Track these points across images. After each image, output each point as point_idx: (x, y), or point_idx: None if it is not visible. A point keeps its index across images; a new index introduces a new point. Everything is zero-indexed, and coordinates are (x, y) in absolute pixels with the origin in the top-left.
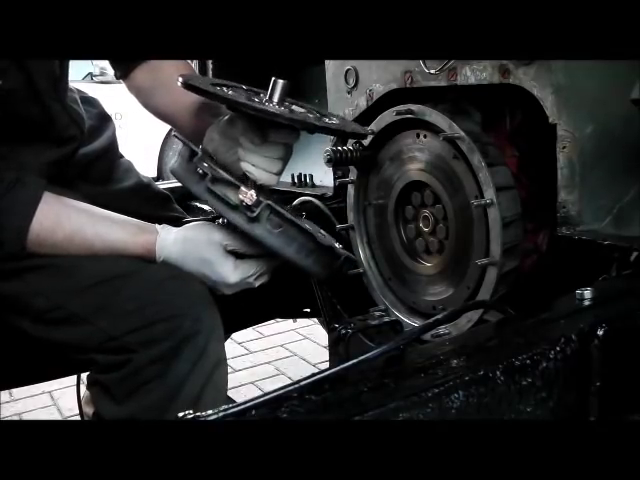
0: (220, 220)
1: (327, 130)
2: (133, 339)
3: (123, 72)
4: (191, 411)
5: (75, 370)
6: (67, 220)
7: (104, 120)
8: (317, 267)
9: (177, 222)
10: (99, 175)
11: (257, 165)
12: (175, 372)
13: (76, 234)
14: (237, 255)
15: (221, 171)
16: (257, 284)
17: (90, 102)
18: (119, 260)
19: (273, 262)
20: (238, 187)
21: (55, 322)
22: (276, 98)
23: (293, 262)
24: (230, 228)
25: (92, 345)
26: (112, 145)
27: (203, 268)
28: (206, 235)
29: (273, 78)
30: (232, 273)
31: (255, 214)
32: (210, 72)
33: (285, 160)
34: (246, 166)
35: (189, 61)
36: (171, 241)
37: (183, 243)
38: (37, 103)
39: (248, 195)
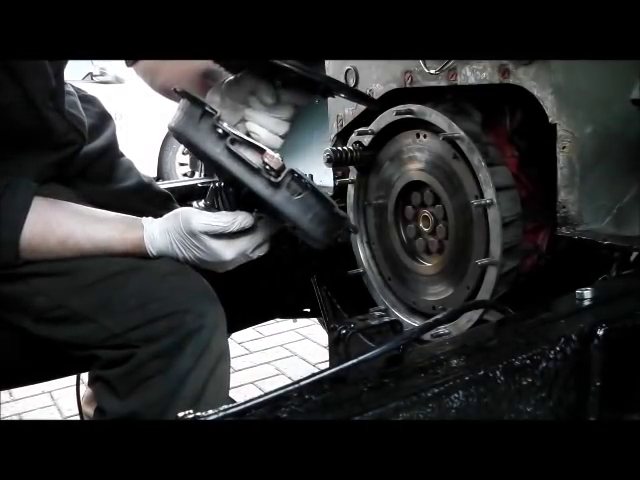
0: (198, 203)
1: (349, 91)
2: (136, 336)
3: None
4: (191, 411)
5: (75, 370)
6: (57, 226)
7: (104, 119)
8: (324, 237)
9: None
10: (99, 174)
11: (264, 126)
12: (178, 367)
13: (68, 239)
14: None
15: (242, 134)
16: (255, 256)
17: (90, 101)
18: (119, 257)
19: (268, 232)
20: (262, 150)
21: (57, 321)
22: None
23: (303, 230)
24: (210, 210)
25: (95, 342)
26: (112, 144)
27: (196, 253)
28: (184, 225)
29: None
30: (226, 250)
31: (280, 179)
32: None
33: (292, 122)
34: (252, 126)
35: None
36: (158, 233)
37: (168, 234)
38: (34, 115)
39: (275, 159)
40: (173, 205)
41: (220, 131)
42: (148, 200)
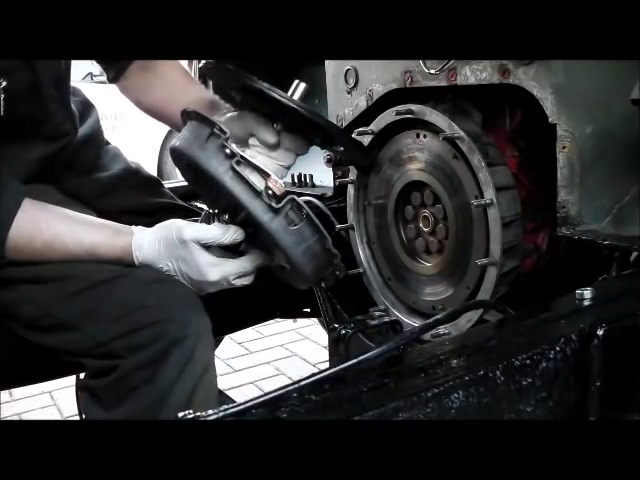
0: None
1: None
2: (120, 345)
3: (116, 74)
4: (191, 411)
5: (74, 370)
6: (45, 227)
7: (87, 107)
8: (312, 273)
9: (168, 209)
10: (85, 163)
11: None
12: (163, 377)
13: (54, 240)
14: (217, 252)
15: (248, 157)
16: (238, 284)
17: (72, 92)
18: (105, 265)
19: (255, 263)
20: (267, 175)
21: (45, 329)
22: (297, 97)
23: (292, 262)
24: (203, 222)
25: (82, 351)
26: (96, 131)
27: (182, 266)
28: (176, 234)
29: (296, 80)
30: (211, 269)
31: (280, 205)
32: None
33: (289, 169)
34: (251, 159)
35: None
36: (147, 242)
37: (158, 244)
38: (37, 102)
39: (278, 185)
40: (162, 190)
41: (227, 151)
42: (136, 186)
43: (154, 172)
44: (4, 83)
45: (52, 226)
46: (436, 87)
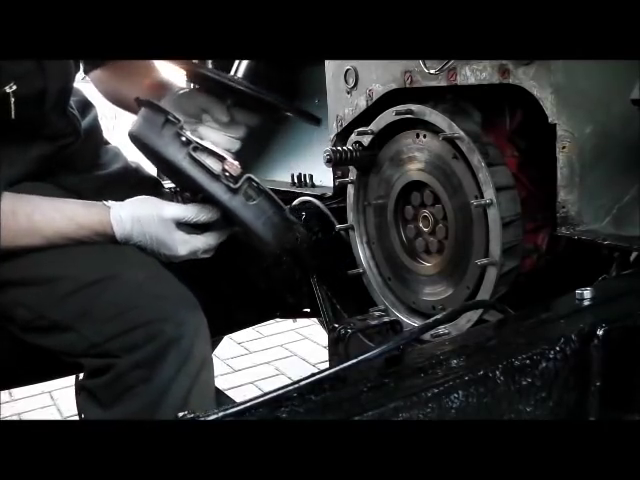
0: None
1: (297, 111)
2: (115, 345)
3: (93, 65)
4: (191, 411)
5: (73, 370)
6: (26, 202)
7: (86, 106)
8: (274, 240)
9: None
10: (84, 161)
11: (218, 144)
12: (160, 376)
13: (35, 211)
14: (187, 229)
15: (204, 142)
16: (203, 256)
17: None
18: (98, 265)
19: (219, 237)
20: (222, 158)
21: (41, 330)
22: (240, 74)
23: (255, 233)
24: (179, 201)
25: (78, 351)
26: (95, 129)
27: (157, 245)
28: (157, 212)
29: (237, 60)
30: (182, 246)
31: (238, 185)
32: None
33: (243, 141)
34: (206, 144)
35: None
36: (124, 215)
37: (139, 222)
38: (40, 109)
39: (234, 166)
40: (162, 190)
41: (183, 139)
42: (136, 185)
43: (154, 172)
44: (15, 87)
45: (32, 200)
46: (436, 87)
